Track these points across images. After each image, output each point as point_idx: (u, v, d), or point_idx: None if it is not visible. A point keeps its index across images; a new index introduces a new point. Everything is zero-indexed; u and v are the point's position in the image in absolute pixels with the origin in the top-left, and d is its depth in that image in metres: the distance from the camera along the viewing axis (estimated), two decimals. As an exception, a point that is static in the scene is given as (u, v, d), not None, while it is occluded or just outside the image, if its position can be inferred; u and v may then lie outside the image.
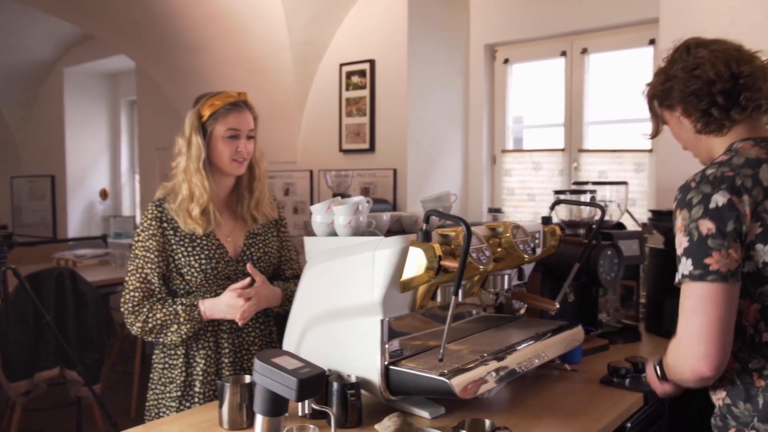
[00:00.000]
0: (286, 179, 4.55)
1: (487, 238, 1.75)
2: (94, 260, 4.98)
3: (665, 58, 1.50)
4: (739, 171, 1.30)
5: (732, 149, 1.38)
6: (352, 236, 1.69)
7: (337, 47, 4.16)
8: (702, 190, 1.30)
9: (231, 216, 2.00)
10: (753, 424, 1.31)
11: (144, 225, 1.88)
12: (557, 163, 3.89)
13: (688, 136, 1.49)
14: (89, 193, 7.19)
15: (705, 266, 1.26)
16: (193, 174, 1.88)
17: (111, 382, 4.66)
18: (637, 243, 2.55)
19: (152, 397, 1.96)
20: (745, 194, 1.27)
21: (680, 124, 1.48)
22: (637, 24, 3.48)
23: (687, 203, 1.31)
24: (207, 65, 4.47)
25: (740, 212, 1.26)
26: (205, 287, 1.91)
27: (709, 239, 1.26)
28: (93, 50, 6.48)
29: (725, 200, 1.27)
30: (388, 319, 1.66)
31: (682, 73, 1.42)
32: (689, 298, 1.28)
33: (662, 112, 1.52)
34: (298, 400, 1.20)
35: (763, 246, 1.28)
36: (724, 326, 1.26)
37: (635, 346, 2.44)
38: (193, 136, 1.89)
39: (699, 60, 1.40)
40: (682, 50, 1.46)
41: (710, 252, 1.26)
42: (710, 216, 1.27)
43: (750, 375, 1.33)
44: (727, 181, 1.29)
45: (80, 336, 3.54)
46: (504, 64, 4.11)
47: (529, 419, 1.68)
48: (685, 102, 1.42)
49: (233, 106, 1.91)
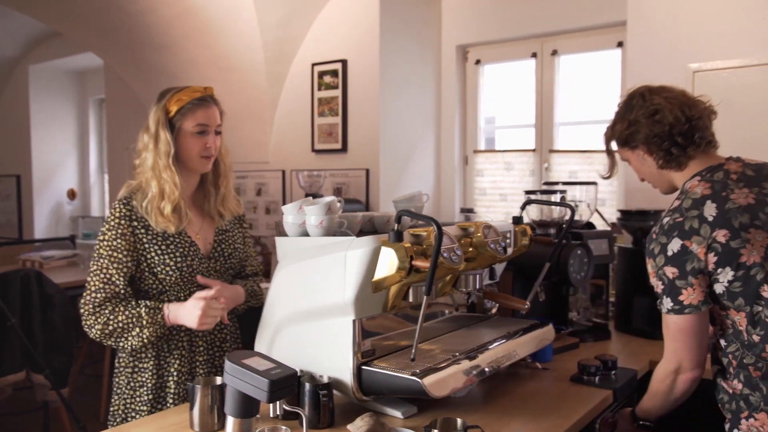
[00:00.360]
0: (258, 179, 4.52)
1: (458, 237, 1.76)
2: (61, 261, 4.89)
3: (621, 104, 1.73)
4: (686, 215, 1.54)
5: (683, 191, 1.62)
6: (324, 236, 1.69)
7: (309, 47, 4.14)
8: (660, 240, 1.56)
9: (198, 213, 1.97)
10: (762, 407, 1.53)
11: (111, 224, 1.82)
12: (528, 164, 3.93)
13: (650, 171, 1.71)
14: (56, 193, 7.07)
15: (680, 302, 1.54)
16: (163, 170, 1.83)
17: (79, 385, 4.58)
18: (606, 242, 2.58)
19: (119, 402, 1.90)
20: (694, 235, 1.51)
21: (643, 160, 1.70)
22: (606, 27, 3.52)
23: (651, 253, 1.58)
24: (178, 64, 4.42)
25: (693, 252, 1.51)
26: (179, 285, 1.87)
27: (676, 281, 1.53)
28: (60, 47, 6.36)
29: (679, 246, 1.52)
30: (360, 320, 1.66)
31: (643, 119, 1.63)
32: (672, 329, 1.58)
33: (623, 151, 1.74)
34: (269, 401, 1.20)
35: (723, 269, 1.50)
36: (699, 342, 1.57)
37: (605, 344, 2.47)
38: (161, 131, 1.84)
39: (657, 106, 1.63)
40: (638, 97, 1.67)
41: (681, 291, 1.53)
42: (671, 262, 1.53)
43: (746, 369, 1.54)
44: (678, 227, 1.54)
45: (47, 339, 3.47)
46: (476, 65, 4.13)
47: (500, 417, 1.69)
48: (648, 143, 1.65)
49: (201, 101, 1.88)
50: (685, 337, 1.56)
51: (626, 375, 2.03)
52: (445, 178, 4.24)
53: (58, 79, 6.99)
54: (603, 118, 3.55)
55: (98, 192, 7.30)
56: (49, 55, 6.57)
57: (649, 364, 2.25)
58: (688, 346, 1.57)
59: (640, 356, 2.30)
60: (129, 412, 1.88)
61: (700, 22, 2.99)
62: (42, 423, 3.59)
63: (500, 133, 4.33)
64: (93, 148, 7.25)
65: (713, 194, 1.54)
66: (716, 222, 1.50)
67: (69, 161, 7.16)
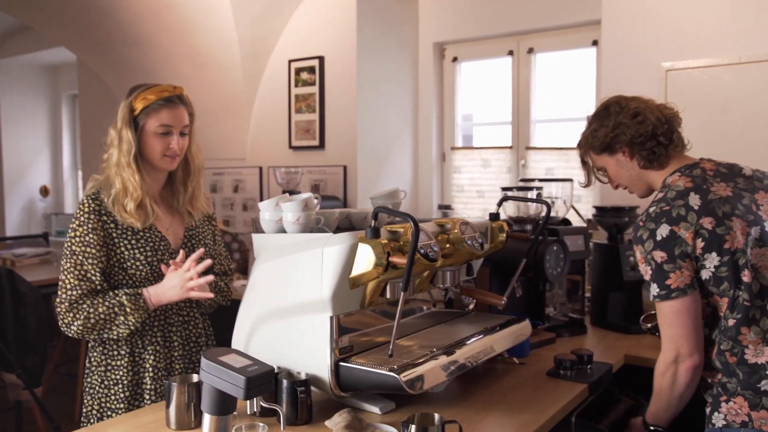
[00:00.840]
0: (235, 176, 4.49)
1: (435, 234, 1.76)
2: (34, 259, 4.82)
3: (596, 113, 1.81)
4: (673, 204, 1.60)
5: (665, 185, 1.69)
6: (301, 233, 1.69)
7: (285, 43, 4.12)
8: (648, 227, 1.61)
9: (167, 209, 1.97)
10: (739, 392, 1.59)
11: (81, 219, 1.80)
12: (505, 161, 3.95)
13: (630, 174, 1.78)
14: (29, 190, 6.95)
15: (667, 287, 1.58)
16: (125, 168, 1.83)
17: (54, 384, 4.52)
18: (582, 238, 2.61)
19: (92, 402, 1.87)
20: (682, 221, 1.57)
21: (621, 164, 1.78)
22: (581, 25, 3.56)
23: (639, 239, 1.63)
24: (152, 60, 4.37)
25: (682, 237, 1.56)
26: (150, 281, 1.86)
27: (664, 265, 1.58)
28: (30, 41, 6.24)
29: (667, 231, 1.58)
30: (338, 316, 1.66)
31: (628, 121, 1.71)
32: (665, 316, 1.61)
33: (601, 158, 1.81)
34: (246, 398, 1.19)
35: (709, 254, 1.56)
36: (694, 326, 1.59)
37: (581, 339, 2.50)
38: (124, 129, 1.84)
39: (637, 109, 1.72)
40: (615, 105, 1.76)
41: (668, 275, 1.57)
42: (659, 247, 1.58)
43: (723, 355, 1.60)
44: (666, 215, 1.59)
45: (19, 338, 3.42)
46: (453, 63, 4.14)
47: (478, 412, 1.70)
48: (631, 144, 1.72)
49: (167, 102, 1.85)
50: (680, 319, 1.58)
51: (602, 369, 2.06)
52: (422, 175, 4.25)
53: (29, 74, 6.87)
54: (579, 116, 3.59)
55: (72, 189, 7.19)
56: (20, 49, 6.45)
57: (624, 358, 2.28)
58: (684, 332, 1.58)
59: (615, 350, 2.34)
60: (104, 411, 1.85)
61: (673, 21, 3.03)
62: (15, 423, 3.53)
63: (477, 131, 4.34)
64: (66, 144, 7.14)
65: (695, 187, 1.62)
66: (701, 210, 1.57)
67: (41, 158, 7.04)
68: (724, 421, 1.60)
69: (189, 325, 1.96)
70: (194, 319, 1.97)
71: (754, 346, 1.56)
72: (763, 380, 1.55)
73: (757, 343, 1.56)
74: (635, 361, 2.27)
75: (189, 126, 1.92)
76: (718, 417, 1.61)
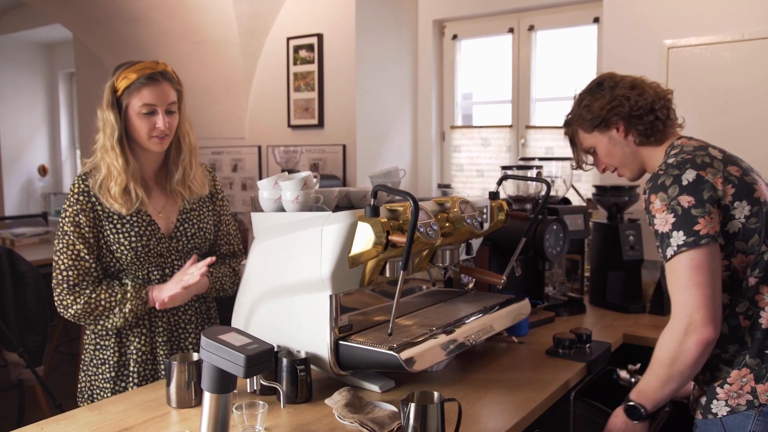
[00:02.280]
0: (234, 155, 4.46)
1: (435, 213, 1.76)
2: (33, 239, 4.82)
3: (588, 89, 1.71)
4: (695, 153, 1.50)
5: (674, 146, 1.59)
6: (300, 212, 1.68)
7: (284, 20, 4.08)
8: (671, 173, 1.47)
9: (162, 192, 1.91)
10: (743, 361, 1.46)
11: (71, 200, 1.78)
12: (505, 140, 3.93)
13: (623, 152, 1.68)
14: (27, 169, 6.92)
15: (696, 233, 1.41)
16: (108, 151, 1.78)
17: (56, 363, 4.54)
18: (581, 218, 2.61)
19: (84, 379, 1.89)
20: (708, 167, 1.46)
21: (614, 142, 1.67)
22: (582, 2, 3.51)
23: (661, 186, 1.47)
24: (149, 37, 4.32)
25: (710, 182, 1.44)
26: (136, 265, 1.83)
27: (692, 209, 1.42)
28: (25, 18, 6.18)
29: (694, 175, 1.45)
30: (337, 295, 1.66)
31: (626, 92, 1.62)
32: (683, 273, 1.42)
33: (591, 136, 1.71)
34: (246, 376, 1.20)
35: (740, 202, 1.44)
36: (714, 289, 1.41)
37: (580, 318, 2.50)
38: (107, 111, 1.79)
39: (634, 82, 1.64)
40: (608, 79, 1.67)
41: (696, 220, 1.41)
42: (686, 191, 1.44)
43: (737, 318, 1.48)
44: (690, 161, 1.48)
45: (20, 317, 3.43)
46: (452, 40, 4.11)
47: (477, 390, 1.71)
48: (630, 118, 1.62)
49: (149, 79, 1.78)
50: (698, 277, 1.39)
51: (600, 348, 2.07)
52: (422, 154, 4.23)
53: (25, 51, 6.80)
54: (579, 94, 3.56)
55: (70, 168, 7.16)
56: (15, 27, 6.38)
57: (623, 337, 2.29)
58: (703, 293, 1.38)
59: (613, 329, 2.34)
60: (94, 390, 1.87)
61: (675, -3, 3.00)
62: (17, 401, 3.56)
63: (477, 109, 4.32)
64: (64, 123, 7.10)
65: (708, 146, 1.55)
66: (725, 160, 1.50)
67: (39, 137, 7.00)
68: (728, 407, 1.46)
69: (177, 311, 1.92)
70: (182, 306, 1.92)
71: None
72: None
73: None
74: (634, 341, 2.28)
75: (177, 103, 1.85)
76: (719, 405, 1.47)
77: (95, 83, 6.08)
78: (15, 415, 3.56)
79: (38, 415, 3.51)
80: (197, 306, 1.97)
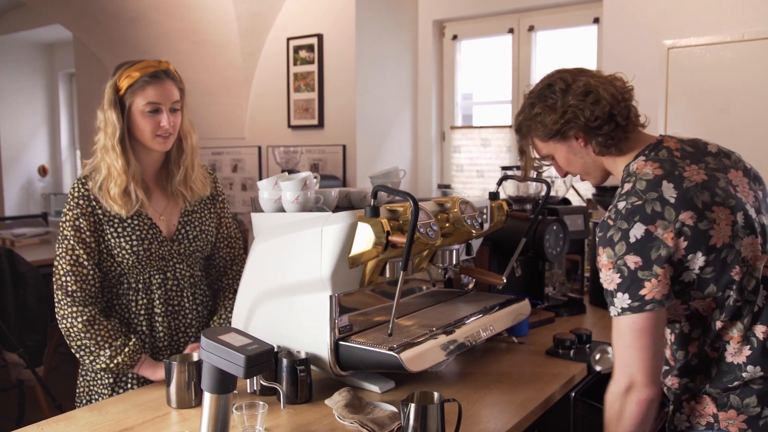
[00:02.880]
0: (234, 155, 4.47)
1: (435, 213, 1.76)
2: (33, 239, 4.82)
3: (537, 93, 1.51)
4: (645, 197, 1.35)
5: (630, 173, 1.43)
6: (300, 212, 1.68)
7: (284, 21, 4.08)
8: (619, 226, 1.35)
9: (163, 193, 1.89)
10: (705, 389, 1.41)
11: (71, 204, 1.77)
12: (505, 140, 3.93)
13: (584, 161, 1.53)
14: (27, 169, 6.92)
15: (641, 297, 1.32)
16: (109, 152, 1.76)
17: (56, 364, 4.53)
18: (581, 218, 2.60)
19: (83, 384, 1.87)
20: (658, 219, 1.32)
21: (573, 151, 1.52)
22: (582, 2, 3.52)
23: (608, 241, 1.36)
24: (149, 37, 4.33)
25: (659, 238, 1.32)
26: (137, 269, 1.82)
27: (638, 271, 1.32)
28: (25, 18, 6.18)
29: (642, 232, 1.32)
30: (337, 295, 1.66)
31: (580, 102, 1.44)
32: (624, 335, 1.36)
33: (547, 145, 1.54)
34: (246, 376, 1.20)
35: (694, 254, 1.33)
36: (655, 350, 1.35)
37: (580, 319, 2.50)
38: (109, 111, 1.76)
39: (587, 87, 1.45)
40: (559, 82, 1.48)
41: (642, 284, 1.32)
42: (633, 250, 1.32)
43: (704, 351, 1.42)
44: (639, 212, 1.34)
45: (20, 318, 3.43)
46: (452, 41, 4.11)
47: (477, 391, 1.71)
48: (587, 128, 1.45)
49: (152, 78, 1.76)
50: (640, 340, 1.33)
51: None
52: (422, 155, 4.24)
53: (25, 51, 6.80)
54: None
55: (70, 168, 7.16)
56: (15, 27, 6.38)
57: (622, 337, 2.28)
58: (642, 356, 1.34)
59: (613, 329, 2.34)
60: (92, 395, 1.85)
61: (675, -2, 3.00)
62: (17, 402, 3.56)
63: (477, 110, 4.32)
64: (64, 123, 7.10)
65: (666, 174, 1.38)
66: (679, 203, 1.33)
67: (39, 137, 7.00)
68: (687, 423, 1.44)
69: (178, 315, 1.90)
70: (183, 310, 1.90)
71: (736, 344, 1.38)
72: (736, 381, 1.37)
73: (738, 340, 1.38)
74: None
75: (180, 102, 1.83)
76: (681, 418, 1.45)
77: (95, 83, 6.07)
78: (15, 415, 3.56)
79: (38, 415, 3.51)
80: (199, 308, 1.96)
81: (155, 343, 1.87)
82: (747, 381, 1.37)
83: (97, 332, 1.74)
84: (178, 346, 1.90)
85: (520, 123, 1.57)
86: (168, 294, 1.87)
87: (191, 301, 1.92)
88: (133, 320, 1.85)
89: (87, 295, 1.75)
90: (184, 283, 1.89)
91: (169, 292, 1.87)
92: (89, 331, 1.73)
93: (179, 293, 1.89)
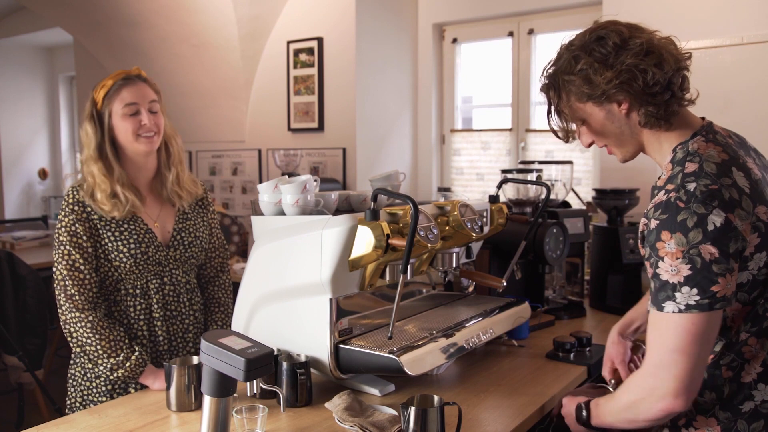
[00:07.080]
0: (234, 158, 4.47)
1: (434, 216, 1.76)
2: (33, 242, 4.81)
3: (582, 48, 1.31)
4: (720, 182, 1.18)
5: (691, 152, 1.25)
6: (300, 215, 1.68)
7: (284, 24, 4.09)
8: (695, 210, 1.16)
9: (156, 200, 1.92)
10: (713, 412, 1.29)
11: (67, 210, 1.78)
12: (505, 143, 3.94)
13: (620, 131, 1.33)
14: (27, 172, 6.93)
15: (712, 294, 1.16)
16: (90, 163, 1.81)
17: (55, 367, 4.53)
18: (581, 221, 2.61)
19: (75, 394, 1.85)
20: (737, 208, 1.17)
21: (611, 118, 1.32)
22: (582, 6, 3.53)
23: (680, 226, 1.16)
24: (149, 40, 4.33)
25: (738, 230, 1.16)
26: (135, 274, 1.82)
27: (713, 265, 1.15)
28: (26, 22, 6.19)
29: (722, 220, 1.15)
30: (337, 298, 1.66)
31: (639, 60, 1.25)
32: (677, 335, 1.18)
33: (584, 107, 1.34)
34: (246, 380, 1.19)
35: (760, 254, 1.20)
36: (703, 358, 1.21)
37: (580, 322, 2.50)
38: (86, 123, 1.83)
39: (650, 44, 1.27)
40: (614, 35, 1.28)
41: (716, 279, 1.16)
42: (711, 240, 1.15)
43: (719, 368, 1.29)
44: (717, 197, 1.17)
45: (20, 321, 3.43)
46: (452, 44, 4.11)
47: (477, 394, 1.71)
48: (641, 96, 1.26)
49: (125, 81, 1.82)
50: (694, 347, 1.17)
51: (600, 351, 2.06)
52: (422, 158, 4.24)
53: (25, 54, 6.82)
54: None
55: (70, 171, 7.17)
56: (15, 30, 6.40)
57: (623, 341, 2.28)
58: (688, 365, 1.17)
59: (613, 333, 2.34)
60: (87, 404, 1.84)
61: (674, 1, 3.01)
62: (17, 405, 3.56)
63: (477, 113, 4.33)
64: (64, 126, 7.11)
65: (731, 160, 1.22)
66: (753, 195, 1.19)
67: (39, 140, 7.02)
68: None
69: (176, 320, 1.90)
70: (181, 315, 1.91)
71: (754, 362, 1.26)
72: (746, 401, 1.26)
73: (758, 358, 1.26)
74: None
75: (157, 103, 1.87)
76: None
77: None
78: (14, 418, 3.56)
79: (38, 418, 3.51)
80: (196, 315, 1.97)
81: (156, 348, 1.87)
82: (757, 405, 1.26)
83: (99, 339, 1.74)
84: (177, 351, 1.91)
85: (553, 75, 1.35)
86: (166, 299, 1.88)
87: (188, 307, 1.93)
88: (133, 326, 1.85)
89: (86, 299, 1.76)
90: (180, 289, 1.91)
91: (166, 297, 1.88)
92: (90, 337, 1.74)
93: (176, 298, 1.90)
